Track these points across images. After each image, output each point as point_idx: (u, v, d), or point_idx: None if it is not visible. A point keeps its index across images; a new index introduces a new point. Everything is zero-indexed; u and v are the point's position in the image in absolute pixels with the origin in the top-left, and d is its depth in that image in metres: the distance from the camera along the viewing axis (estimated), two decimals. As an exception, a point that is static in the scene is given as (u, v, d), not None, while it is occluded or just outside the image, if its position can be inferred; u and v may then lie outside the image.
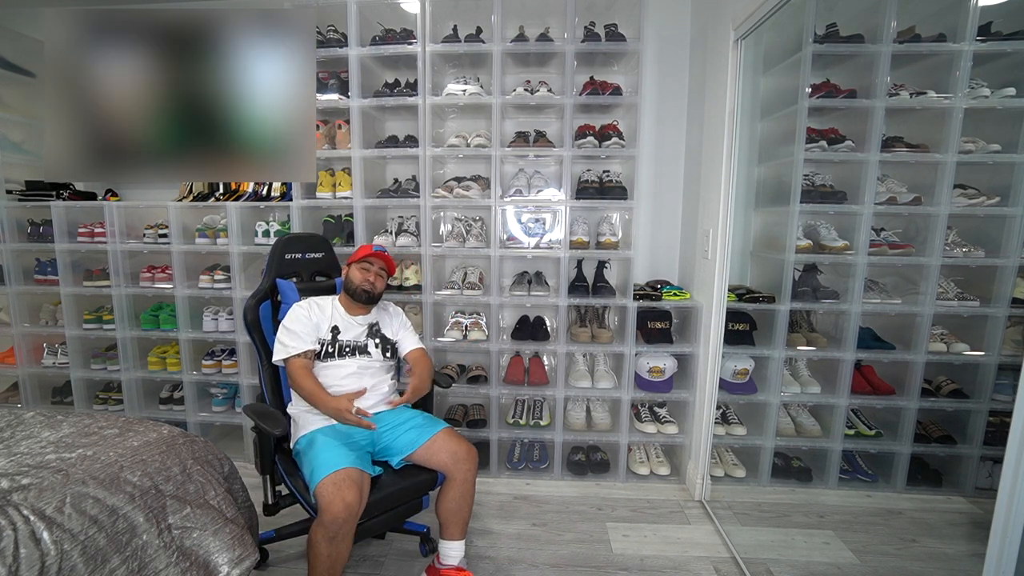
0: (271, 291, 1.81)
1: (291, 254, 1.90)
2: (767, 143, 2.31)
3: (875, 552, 1.83)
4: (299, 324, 1.63)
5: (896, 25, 1.93)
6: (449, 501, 1.56)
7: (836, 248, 2.07)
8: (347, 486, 1.33)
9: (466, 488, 1.57)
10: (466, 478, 1.56)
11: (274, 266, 1.84)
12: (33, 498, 1.02)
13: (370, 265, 1.73)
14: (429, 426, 1.62)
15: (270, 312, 1.78)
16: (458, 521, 1.58)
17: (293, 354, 1.59)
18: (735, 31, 1.89)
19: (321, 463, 1.40)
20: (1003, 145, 1.90)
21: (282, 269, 1.87)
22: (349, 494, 1.32)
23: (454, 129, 2.49)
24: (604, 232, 2.33)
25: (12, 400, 2.68)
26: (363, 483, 1.40)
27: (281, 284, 1.82)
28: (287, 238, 1.91)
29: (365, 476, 1.43)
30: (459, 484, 1.56)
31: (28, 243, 2.54)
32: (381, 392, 1.70)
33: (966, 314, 2.01)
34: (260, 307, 1.75)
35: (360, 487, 1.37)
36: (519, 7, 2.29)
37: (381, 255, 1.74)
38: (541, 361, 2.54)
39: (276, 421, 1.51)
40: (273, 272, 1.83)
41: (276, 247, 1.86)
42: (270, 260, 1.85)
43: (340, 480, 1.34)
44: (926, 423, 2.15)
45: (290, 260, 1.90)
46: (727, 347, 2.12)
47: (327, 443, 1.48)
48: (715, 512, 2.07)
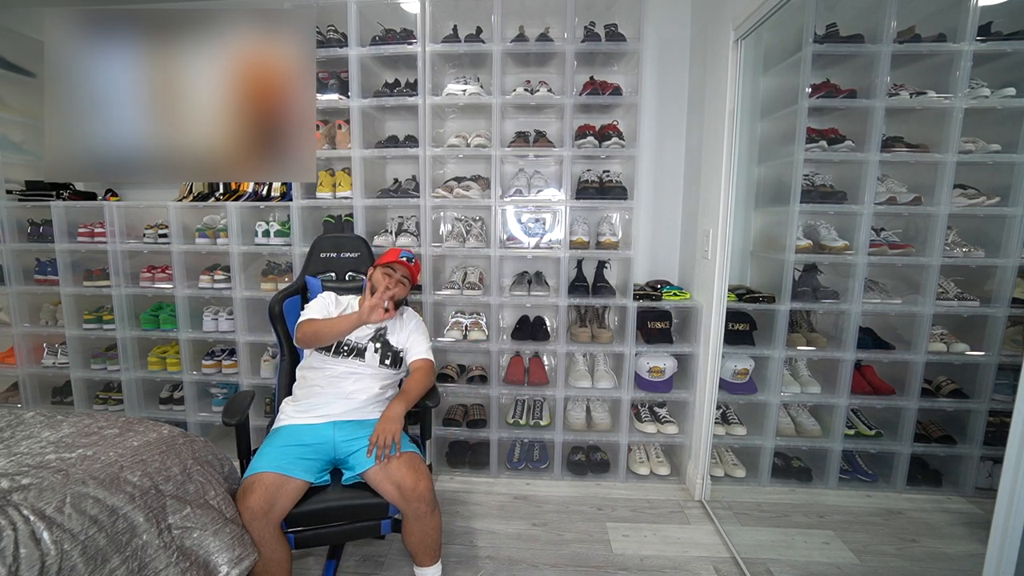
0: (301, 288, 1.92)
1: (326, 253, 2.01)
2: (767, 143, 2.31)
3: (875, 552, 1.83)
4: (316, 308, 1.69)
5: (896, 25, 1.93)
6: (409, 534, 1.47)
7: (836, 248, 2.07)
8: (252, 491, 1.33)
9: (423, 524, 1.44)
10: (417, 516, 1.42)
11: (309, 264, 1.96)
12: (33, 498, 1.02)
13: (392, 272, 1.72)
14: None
15: (297, 307, 1.84)
16: (426, 551, 1.49)
17: (305, 318, 1.63)
18: (735, 31, 1.89)
19: (254, 463, 1.42)
20: (1003, 145, 1.90)
21: (316, 267, 1.97)
22: (251, 498, 1.32)
23: (454, 129, 2.49)
24: (604, 232, 2.33)
25: (12, 400, 2.68)
26: (282, 489, 1.36)
27: (310, 281, 1.91)
28: (322, 238, 2.03)
29: (291, 483, 1.38)
30: (412, 520, 1.44)
31: (28, 243, 2.54)
32: (358, 400, 1.61)
33: (966, 314, 2.01)
34: (286, 301, 1.83)
35: (271, 493, 1.34)
36: (519, 7, 2.29)
37: (406, 263, 1.73)
38: (541, 361, 2.54)
39: (234, 412, 1.52)
40: (307, 269, 1.95)
41: (313, 247, 2.00)
42: (306, 259, 1.98)
43: (249, 484, 1.35)
44: (926, 423, 2.15)
45: (324, 259, 2.00)
46: (727, 347, 2.12)
47: (272, 441, 1.49)
48: (715, 512, 2.07)
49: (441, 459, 2.45)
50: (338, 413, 1.58)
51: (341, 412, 1.59)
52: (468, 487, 2.29)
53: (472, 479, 2.36)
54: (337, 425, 1.55)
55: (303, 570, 1.74)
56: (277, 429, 1.56)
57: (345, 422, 1.57)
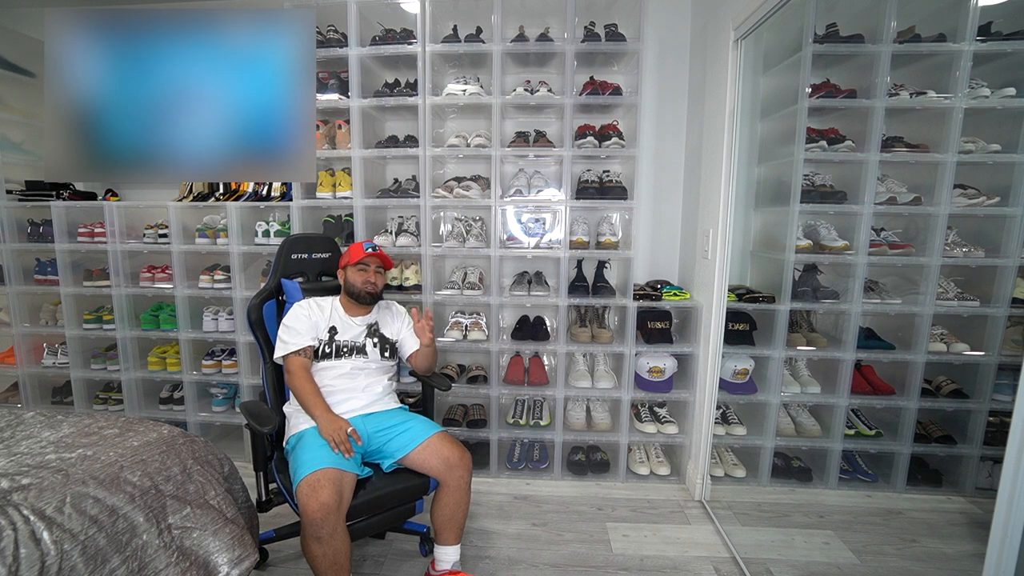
0: (276, 290, 1.84)
1: (297, 254, 1.91)
2: (767, 143, 2.31)
3: (875, 552, 1.83)
4: (299, 322, 1.66)
5: (896, 25, 1.93)
6: (443, 507, 1.54)
7: (836, 248, 2.07)
8: (321, 486, 1.33)
9: (460, 495, 1.54)
10: (459, 485, 1.53)
11: (280, 266, 1.86)
12: (33, 498, 1.02)
13: (367, 266, 1.71)
14: (422, 430, 1.59)
15: (275, 311, 1.80)
16: (453, 527, 1.56)
17: (292, 350, 1.62)
18: (735, 31, 1.89)
19: (302, 463, 1.41)
20: (1003, 145, 1.90)
21: (288, 269, 1.88)
22: (323, 494, 1.32)
23: (454, 129, 2.49)
24: (604, 232, 2.33)
25: (12, 400, 2.68)
26: (343, 483, 1.38)
27: (286, 284, 1.84)
28: (293, 238, 1.93)
29: (347, 476, 1.41)
30: (452, 491, 1.53)
31: (28, 243, 2.54)
32: (375, 392, 1.68)
33: (966, 314, 2.01)
34: (264, 306, 1.77)
35: (338, 487, 1.36)
36: (519, 7, 2.29)
37: (375, 253, 1.71)
38: (541, 361, 2.54)
39: (266, 419, 1.51)
40: (279, 272, 1.85)
41: (283, 247, 1.88)
42: (276, 260, 1.86)
43: (315, 481, 1.34)
44: (926, 423, 2.15)
45: (296, 260, 1.91)
46: (727, 347, 2.12)
47: (311, 443, 1.48)
48: (715, 512, 2.07)
49: (441, 459, 2.45)
50: (361, 407, 1.63)
51: (363, 405, 1.63)
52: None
53: (472, 479, 2.35)
54: (366, 419, 1.60)
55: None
56: (302, 433, 1.54)
57: (371, 415, 1.63)
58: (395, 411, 1.69)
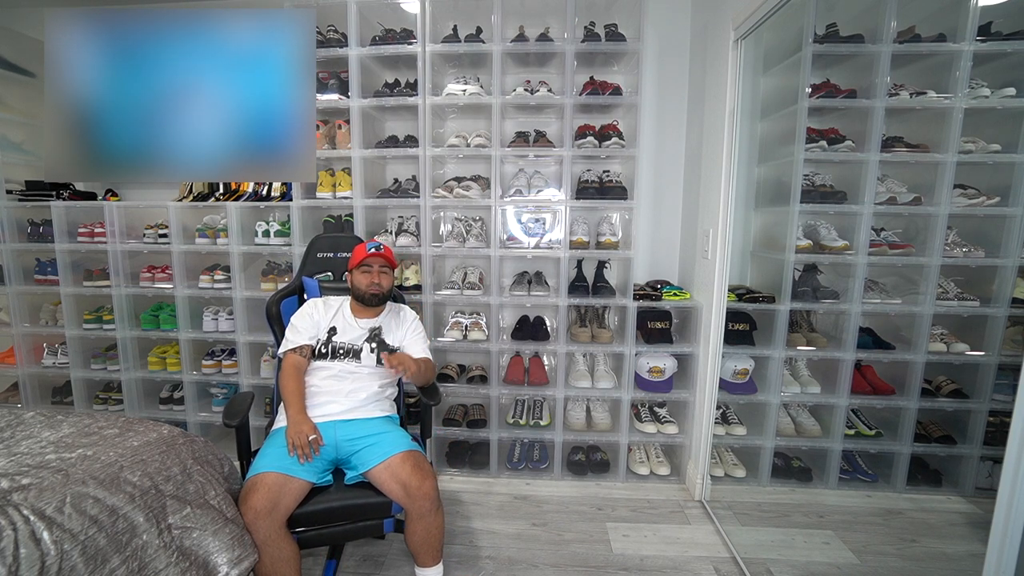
0: (299, 288, 1.91)
1: (323, 253, 1.99)
2: (767, 143, 2.31)
3: (875, 552, 1.83)
4: (302, 320, 1.68)
5: (896, 25, 1.93)
6: (412, 534, 1.46)
7: (836, 248, 2.07)
8: (256, 490, 1.33)
9: (426, 523, 1.43)
10: (422, 514, 1.42)
11: (306, 264, 1.95)
12: (33, 498, 1.02)
13: (370, 267, 1.69)
14: (389, 446, 1.47)
15: (295, 307, 1.83)
16: (428, 551, 1.48)
17: (289, 348, 1.64)
18: (735, 31, 1.89)
19: (256, 463, 1.42)
20: (1003, 145, 1.90)
21: (314, 267, 1.96)
22: (254, 498, 1.32)
23: (454, 129, 2.49)
24: (604, 232, 2.33)
25: (12, 400, 2.68)
26: (284, 489, 1.35)
27: (307, 281, 1.89)
28: (319, 237, 2.01)
29: (293, 482, 1.37)
30: (415, 519, 1.43)
31: (28, 243, 2.54)
32: (358, 399, 1.61)
33: (966, 314, 2.01)
34: (283, 302, 1.84)
35: (274, 493, 1.33)
36: (519, 7, 2.29)
37: (379, 253, 1.69)
38: (541, 361, 2.54)
39: (234, 414, 1.53)
40: (303, 269, 1.94)
41: (310, 246, 1.98)
42: (304, 258, 1.96)
43: (252, 484, 1.35)
44: (926, 423, 2.15)
45: (322, 259, 1.99)
46: (727, 347, 2.12)
47: (274, 442, 1.48)
48: (715, 512, 2.07)
49: (441, 459, 2.45)
50: (338, 412, 1.58)
51: (341, 411, 1.58)
52: (468, 487, 2.29)
53: (472, 479, 2.36)
54: (338, 425, 1.55)
55: (303, 570, 1.73)
56: (277, 430, 1.56)
57: (346, 421, 1.57)
58: (377, 420, 1.60)
